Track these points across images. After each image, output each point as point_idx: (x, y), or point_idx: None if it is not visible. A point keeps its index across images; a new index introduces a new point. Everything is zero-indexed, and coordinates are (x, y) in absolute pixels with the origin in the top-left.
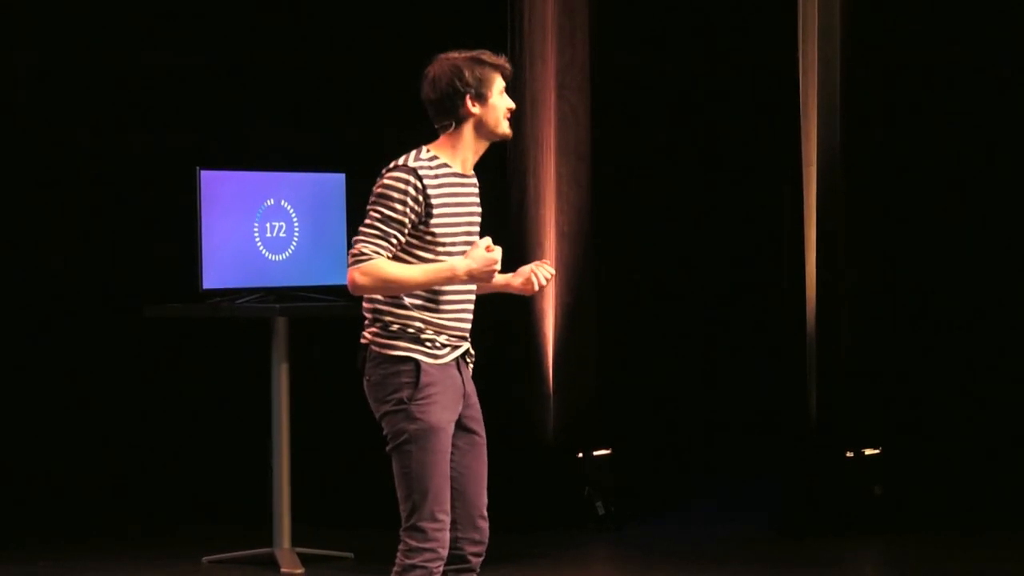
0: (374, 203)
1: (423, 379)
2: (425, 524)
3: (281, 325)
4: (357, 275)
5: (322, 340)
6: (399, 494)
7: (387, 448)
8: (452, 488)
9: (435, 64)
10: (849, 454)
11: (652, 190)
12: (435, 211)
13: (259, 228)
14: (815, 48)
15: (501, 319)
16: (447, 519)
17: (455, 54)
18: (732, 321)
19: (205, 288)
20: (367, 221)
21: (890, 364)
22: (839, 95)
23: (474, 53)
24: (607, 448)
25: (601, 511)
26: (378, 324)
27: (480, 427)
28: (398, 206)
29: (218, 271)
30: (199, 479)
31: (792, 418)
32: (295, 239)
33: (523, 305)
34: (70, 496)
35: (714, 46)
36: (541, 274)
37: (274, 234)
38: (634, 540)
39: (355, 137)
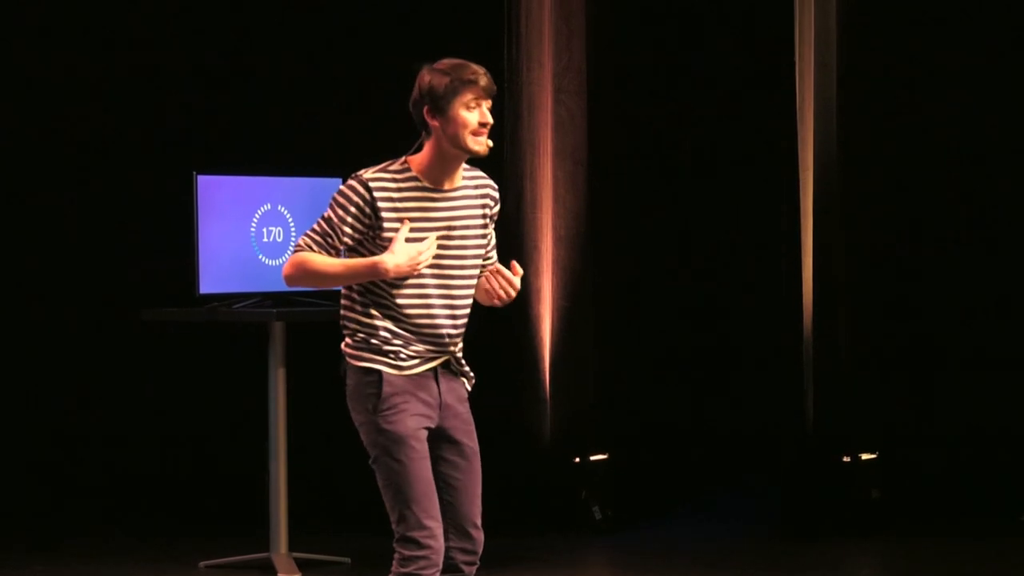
0: (329, 205)
1: (386, 389)
2: (414, 534)
3: (278, 330)
4: (286, 266)
5: (319, 345)
6: (386, 504)
7: (369, 461)
8: (443, 499)
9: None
10: (846, 458)
11: (649, 194)
12: (385, 224)
13: (256, 232)
14: (811, 52)
15: (497, 323)
16: (436, 524)
17: (439, 63)
18: (729, 325)
19: (202, 293)
20: (313, 226)
21: (887, 368)
22: (835, 99)
23: (448, 63)
24: (604, 453)
25: (598, 516)
26: (347, 332)
27: (470, 438)
28: (340, 211)
29: (215, 276)
30: (196, 484)
31: (789, 423)
32: (292, 243)
33: (520, 309)
34: (66, 500)
35: (711, 50)
36: (500, 284)
37: (271, 239)
38: (631, 545)
39: (352, 141)
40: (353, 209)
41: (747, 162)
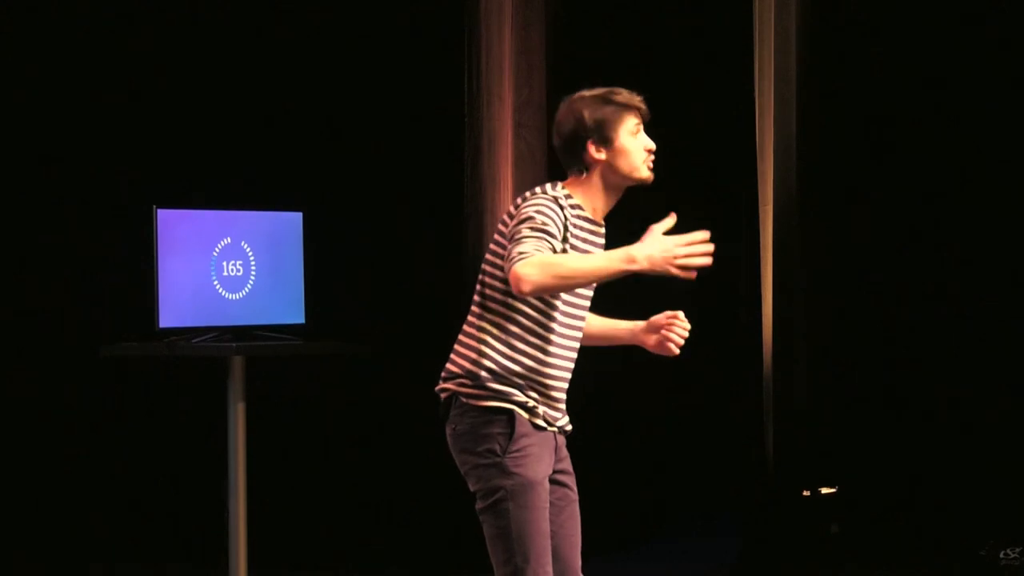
0: (523, 221)
1: (518, 429)
2: None
3: (237, 364)
4: (522, 268)
5: (279, 379)
6: (495, 557)
7: (478, 507)
8: None
9: (561, 106)
10: (805, 493)
11: (607, 231)
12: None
13: (216, 267)
14: (771, 89)
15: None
16: None
17: (585, 93)
18: (689, 359)
19: (161, 327)
20: (521, 236)
21: (846, 403)
22: (795, 137)
23: (603, 91)
24: None
25: None
26: (469, 376)
27: (572, 482)
28: (549, 221)
29: (174, 310)
30: (153, 520)
31: (748, 457)
32: (252, 278)
33: None
34: (20, 537)
35: (670, 87)
36: (676, 333)
37: (231, 273)
38: None
39: (312, 176)
40: (559, 222)
41: (706, 199)
